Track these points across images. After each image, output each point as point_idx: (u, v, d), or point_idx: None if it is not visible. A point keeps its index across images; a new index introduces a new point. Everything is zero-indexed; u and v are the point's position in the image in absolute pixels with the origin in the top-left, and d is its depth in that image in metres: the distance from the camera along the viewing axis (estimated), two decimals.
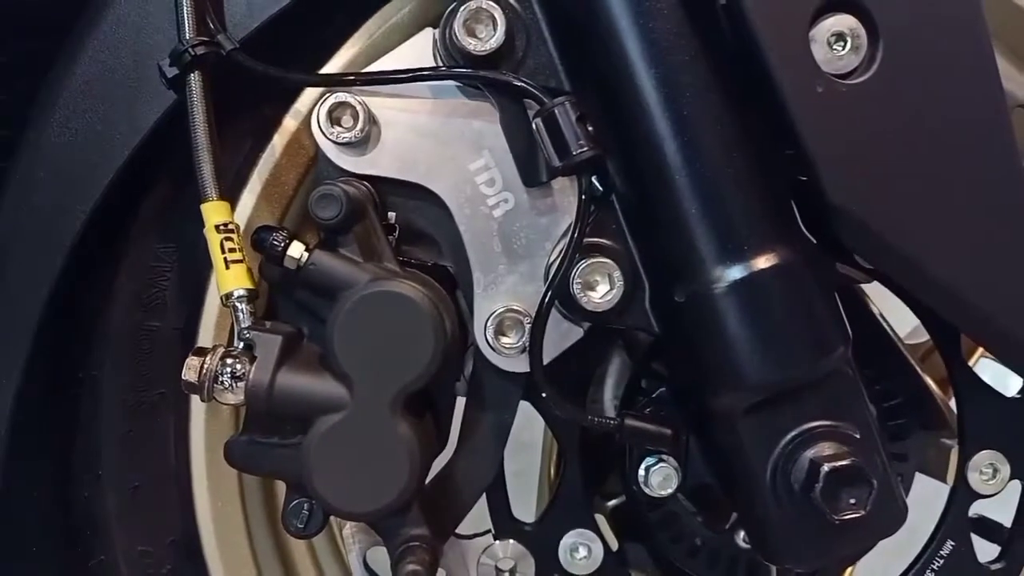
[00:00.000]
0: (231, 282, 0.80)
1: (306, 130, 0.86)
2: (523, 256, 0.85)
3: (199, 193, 0.81)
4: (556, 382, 0.84)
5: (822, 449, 0.80)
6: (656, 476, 0.94)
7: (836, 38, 0.73)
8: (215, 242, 0.80)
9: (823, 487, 0.78)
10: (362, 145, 0.84)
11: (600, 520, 1.03)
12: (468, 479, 0.91)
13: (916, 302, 0.95)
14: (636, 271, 0.84)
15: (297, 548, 1.09)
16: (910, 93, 0.74)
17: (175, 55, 0.80)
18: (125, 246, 0.92)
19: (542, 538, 0.98)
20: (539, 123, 0.79)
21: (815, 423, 0.81)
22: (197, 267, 0.92)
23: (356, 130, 0.83)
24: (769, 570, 1.04)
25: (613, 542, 1.03)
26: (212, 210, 0.81)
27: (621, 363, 1.05)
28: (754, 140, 0.78)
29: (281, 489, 0.96)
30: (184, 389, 0.80)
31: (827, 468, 0.78)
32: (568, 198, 0.84)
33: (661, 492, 0.95)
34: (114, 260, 0.92)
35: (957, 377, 1.01)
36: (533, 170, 0.83)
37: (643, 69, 0.76)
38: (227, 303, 0.81)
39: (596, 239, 0.83)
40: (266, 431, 0.82)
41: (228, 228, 0.81)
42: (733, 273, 0.77)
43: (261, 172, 0.90)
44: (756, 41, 0.72)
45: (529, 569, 0.98)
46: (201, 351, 0.80)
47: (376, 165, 0.84)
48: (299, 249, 0.81)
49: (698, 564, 1.04)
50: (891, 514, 0.85)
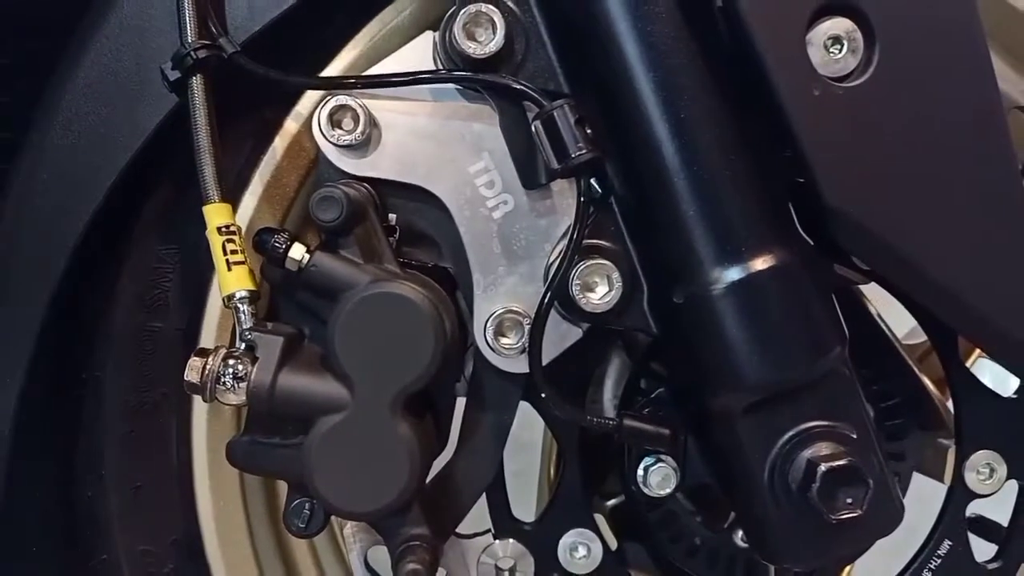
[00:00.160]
0: (233, 283, 0.81)
1: (307, 133, 0.87)
2: (522, 257, 0.86)
3: (201, 195, 0.81)
4: (555, 382, 0.84)
5: (819, 449, 0.81)
6: (655, 476, 0.95)
7: (832, 41, 0.73)
8: (217, 244, 0.81)
9: (820, 487, 0.78)
10: (363, 147, 0.84)
11: (599, 520, 1.03)
12: (468, 479, 0.92)
13: (913, 303, 0.96)
14: (635, 272, 0.84)
15: (298, 547, 1.09)
16: (906, 96, 0.74)
17: (177, 58, 0.81)
18: (127, 248, 0.92)
19: (542, 537, 0.98)
20: (538, 126, 0.79)
21: (812, 423, 0.82)
22: (199, 268, 0.92)
23: (357, 133, 0.83)
24: (767, 569, 1.04)
25: (612, 541, 1.04)
26: (214, 212, 0.81)
27: (620, 364, 1.05)
28: (751, 142, 0.78)
29: (282, 489, 0.97)
30: (186, 390, 0.80)
31: (824, 468, 0.79)
32: (567, 200, 0.84)
33: (660, 492, 0.95)
34: (116, 261, 0.92)
35: (954, 377, 1.01)
36: (532, 172, 0.84)
37: (641, 72, 0.76)
38: (229, 304, 0.81)
39: (595, 241, 0.83)
40: (267, 431, 0.82)
41: (230, 230, 0.81)
42: (731, 274, 0.77)
43: (262, 174, 0.90)
44: (753, 44, 0.72)
45: (528, 568, 0.98)
46: (203, 352, 0.81)
47: (376, 167, 0.85)
48: (300, 251, 0.82)
49: (697, 563, 1.05)
50: (888, 514, 0.85)
